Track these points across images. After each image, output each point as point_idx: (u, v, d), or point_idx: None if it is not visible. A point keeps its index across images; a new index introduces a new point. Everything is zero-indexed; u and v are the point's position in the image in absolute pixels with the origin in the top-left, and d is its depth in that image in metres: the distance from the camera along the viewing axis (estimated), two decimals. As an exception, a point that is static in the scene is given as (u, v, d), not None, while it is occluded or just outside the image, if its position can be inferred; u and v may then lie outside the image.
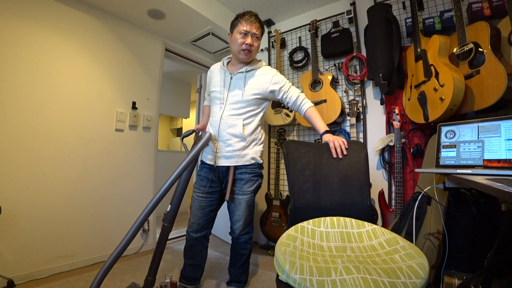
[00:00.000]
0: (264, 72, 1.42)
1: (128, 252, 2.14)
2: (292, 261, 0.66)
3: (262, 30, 1.42)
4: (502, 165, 1.04)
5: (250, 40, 1.35)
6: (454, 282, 1.05)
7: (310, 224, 0.91)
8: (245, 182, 1.39)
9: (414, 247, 0.73)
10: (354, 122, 1.95)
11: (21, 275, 1.58)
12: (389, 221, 1.74)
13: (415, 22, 1.65)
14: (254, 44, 1.36)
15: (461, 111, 1.40)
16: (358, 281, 0.56)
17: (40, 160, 1.72)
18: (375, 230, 0.85)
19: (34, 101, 1.71)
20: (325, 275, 0.59)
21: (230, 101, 1.39)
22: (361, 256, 0.73)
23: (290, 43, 2.52)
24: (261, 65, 1.46)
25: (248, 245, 1.48)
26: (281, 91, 1.41)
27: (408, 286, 0.55)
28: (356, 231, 0.87)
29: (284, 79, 1.44)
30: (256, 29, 1.37)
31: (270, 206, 2.28)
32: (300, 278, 0.59)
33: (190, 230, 1.45)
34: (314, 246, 0.80)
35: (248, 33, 1.35)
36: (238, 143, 1.36)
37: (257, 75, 1.42)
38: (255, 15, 1.39)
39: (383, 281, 0.56)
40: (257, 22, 1.37)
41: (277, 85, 1.40)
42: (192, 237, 1.45)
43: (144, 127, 2.33)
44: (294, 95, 1.41)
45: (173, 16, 2.18)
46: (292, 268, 0.62)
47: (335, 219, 0.93)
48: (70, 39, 1.89)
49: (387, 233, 0.83)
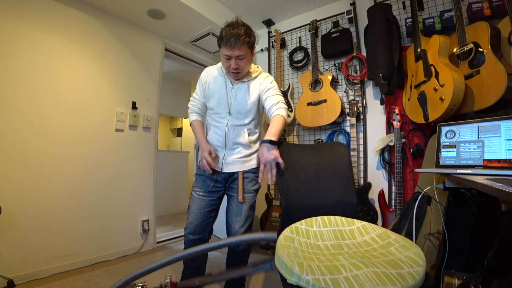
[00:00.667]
0: (262, 79, 1.41)
1: (128, 252, 2.14)
2: (299, 262, 0.64)
3: (250, 42, 1.27)
4: (502, 165, 1.04)
5: (234, 64, 1.26)
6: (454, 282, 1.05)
7: (303, 224, 0.92)
8: (249, 180, 1.40)
9: (405, 239, 0.75)
10: (354, 122, 1.95)
11: (21, 275, 1.58)
12: (389, 221, 1.74)
13: (415, 22, 1.66)
14: (239, 65, 1.28)
15: (461, 111, 1.40)
16: (370, 275, 0.57)
17: (40, 160, 1.72)
18: (365, 226, 0.87)
19: (34, 101, 1.71)
20: (336, 273, 0.59)
21: (234, 110, 1.37)
22: (359, 252, 0.74)
23: (290, 43, 2.52)
24: (260, 72, 1.43)
25: (247, 252, 1.44)
26: (266, 93, 1.36)
27: (413, 274, 0.58)
28: (348, 228, 0.88)
29: (275, 85, 1.41)
30: (239, 51, 1.23)
31: (270, 206, 2.28)
32: (313, 279, 0.57)
33: (188, 232, 1.39)
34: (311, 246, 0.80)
35: (230, 58, 1.26)
36: (245, 150, 1.39)
37: (256, 83, 1.39)
38: (236, 36, 1.20)
39: (391, 273, 0.58)
40: (239, 43, 1.21)
41: (265, 86, 1.37)
42: (189, 238, 1.38)
43: (144, 127, 2.33)
44: (275, 101, 1.34)
45: (173, 16, 2.18)
46: (302, 270, 0.61)
47: (325, 218, 0.94)
48: (70, 39, 1.89)
49: (377, 229, 0.85)
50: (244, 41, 1.23)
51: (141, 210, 2.27)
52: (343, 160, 1.18)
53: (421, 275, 0.57)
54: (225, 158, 1.39)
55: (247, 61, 1.30)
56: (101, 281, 1.66)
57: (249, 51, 1.29)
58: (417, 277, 0.56)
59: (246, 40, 1.23)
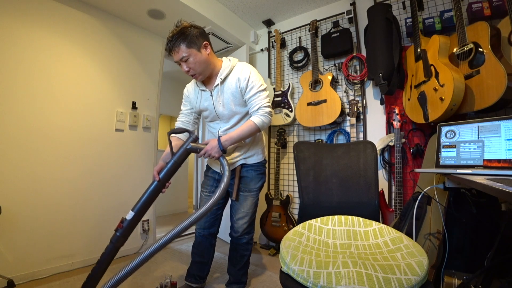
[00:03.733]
0: (237, 73, 1.29)
1: (128, 252, 2.14)
2: (294, 254, 0.70)
3: (187, 40, 1.19)
4: (502, 165, 1.04)
5: (184, 68, 1.24)
6: (454, 282, 1.05)
7: (318, 221, 0.94)
8: (250, 179, 1.42)
9: (417, 246, 0.74)
10: (354, 122, 1.95)
11: (21, 275, 1.58)
12: (389, 221, 1.74)
13: (415, 22, 1.65)
14: (190, 66, 1.23)
15: (461, 111, 1.40)
16: (352, 274, 0.59)
17: (40, 160, 1.72)
18: (381, 229, 0.87)
19: (34, 101, 1.71)
20: (323, 268, 0.63)
21: (221, 116, 1.36)
22: (364, 253, 0.75)
23: (290, 43, 2.52)
24: (233, 66, 1.31)
25: (249, 246, 1.49)
26: (245, 97, 1.29)
27: (402, 281, 0.57)
28: (363, 229, 0.89)
29: (258, 80, 1.29)
30: (178, 53, 1.20)
31: (270, 206, 2.28)
32: (299, 269, 0.64)
33: (198, 227, 1.48)
34: (320, 242, 0.83)
35: (179, 63, 1.24)
36: (241, 149, 1.40)
37: (231, 80, 1.30)
38: (169, 41, 1.19)
39: (377, 276, 0.58)
40: (175, 46, 1.18)
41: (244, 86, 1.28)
42: (200, 233, 1.48)
43: (144, 127, 2.33)
44: (255, 107, 1.28)
45: (173, 16, 2.18)
46: (293, 260, 0.67)
47: (343, 217, 0.95)
48: (70, 39, 1.89)
49: (393, 232, 0.85)
50: (178, 42, 1.18)
51: (141, 210, 2.26)
52: (369, 160, 1.17)
53: (411, 284, 0.57)
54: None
55: (195, 60, 1.22)
56: (101, 281, 1.66)
57: (191, 50, 1.20)
58: (405, 284, 0.56)
59: (180, 40, 1.18)
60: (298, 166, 1.22)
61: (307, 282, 0.60)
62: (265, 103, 1.28)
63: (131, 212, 1.14)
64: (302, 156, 1.23)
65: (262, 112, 1.27)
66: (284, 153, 2.45)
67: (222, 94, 1.32)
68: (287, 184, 2.40)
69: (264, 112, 1.27)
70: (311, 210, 1.11)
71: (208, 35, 1.30)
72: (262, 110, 1.27)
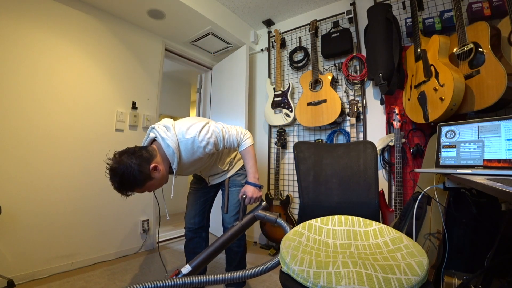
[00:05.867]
0: (188, 145, 1.15)
1: (128, 252, 2.14)
2: (293, 254, 0.70)
3: (137, 185, 1.17)
4: (502, 165, 1.04)
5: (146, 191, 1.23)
6: (454, 282, 1.05)
7: (318, 221, 0.94)
8: (238, 175, 1.47)
9: (417, 246, 0.74)
10: (354, 122, 1.95)
11: (21, 275, 1.58)
12: (389, 221, 1.74)
13: (415, 22, 1.66)
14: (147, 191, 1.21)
15: (461, 111, 1.40)
16: (352, 274, 0.59)
17: (40, 160, 1.72)
18: (381, 229, 0.87)
19: (34, 101, 1.71)
20: (323, 268, 0.63)
21: (197, 171, 1.40)
22: (364, 253, 0.75)
23: (290, 43, 2.52)
24: (175, 148, 1.13)
25: (241, 242, 1.48)
26: (219, 150, 1.27)
27: (402, 282, 0.57)
28: (363, 229, 0.89)
29: (210, 135, 1.16)
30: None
31: (270, 206, 2.28)
32: (299, 269, 0.63)
33: (187, 220, 1.49)
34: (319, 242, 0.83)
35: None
36: (223, 172, 1.45)
37: (188, 150, 1.16)
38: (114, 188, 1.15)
39: (377, 276, 0.58)
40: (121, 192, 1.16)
41: (211, 147, 1.17)
42: (190, 228, 1.48)
43: (144, 127, 2.33)
44: (232, 143, 1.26)
45: (173, 16, 2.18)
46: (293, 260, 0.67)
47: (343, 217, 0.95)
48: (70, 39, 1.89)
49: (393, 232, 0.85)
50: (129, 188, 1.15)
51: (141, 210, 2.27)
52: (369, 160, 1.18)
53: (411, 284, 0.57)
54: (209, 181, 1.49)
55: (153, 186, 1.16)
56: (101, 281, 1.66)
57: (145, 186, 1.15)
58: (405, 284, 0.56)
59: (127, 188, 1.16)
60: (298, 166, 1.23)
61: (307, 282, 0.60)
62: (235, 138, 1.25)
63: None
64: (302, 156, 1.24)
65: (242, 140, 1.29)
66: (284, 153, 2.46)
67: (192, 166, 1.24)
68: (287, 184, 2.40)
69: (244, 139, 1.29)
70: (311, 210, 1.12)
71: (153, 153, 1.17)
72: (241, 141, 1.29)
